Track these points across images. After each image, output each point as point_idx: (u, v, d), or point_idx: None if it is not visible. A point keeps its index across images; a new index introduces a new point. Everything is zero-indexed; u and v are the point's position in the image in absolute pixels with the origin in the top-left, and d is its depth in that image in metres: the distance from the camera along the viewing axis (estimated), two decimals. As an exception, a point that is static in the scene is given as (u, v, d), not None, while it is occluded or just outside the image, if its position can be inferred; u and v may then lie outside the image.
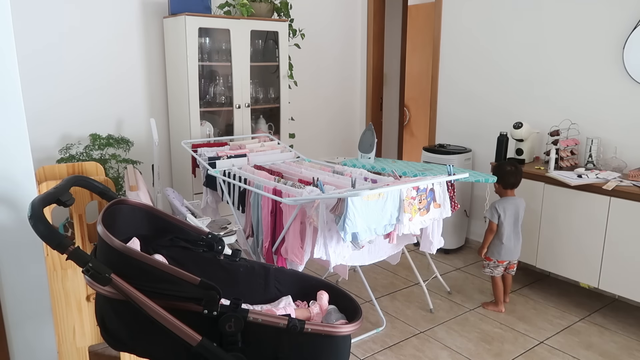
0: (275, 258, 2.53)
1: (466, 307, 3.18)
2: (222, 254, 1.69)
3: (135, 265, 1.28)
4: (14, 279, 1.80)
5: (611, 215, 2.88)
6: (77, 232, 2.12)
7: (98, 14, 3.41)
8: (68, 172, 2.63)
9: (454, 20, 4.09)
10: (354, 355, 2.64)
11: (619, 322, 2.99)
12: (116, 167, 3.39)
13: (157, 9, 3.65)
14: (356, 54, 4.90)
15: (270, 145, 3.44)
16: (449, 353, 2.67)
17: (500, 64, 3.80)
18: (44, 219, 1.21)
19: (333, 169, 2.97)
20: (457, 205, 2.85)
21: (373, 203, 2.28)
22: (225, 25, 3.58)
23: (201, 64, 3.59)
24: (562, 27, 3.40)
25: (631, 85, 3.10)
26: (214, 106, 3.76)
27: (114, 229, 1.45)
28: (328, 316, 1.56)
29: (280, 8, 3.97)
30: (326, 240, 2.28)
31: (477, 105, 4.01)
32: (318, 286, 1.66)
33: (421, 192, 2.49)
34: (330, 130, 4.87)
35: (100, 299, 1.35)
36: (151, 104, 3.76)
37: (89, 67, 3.43)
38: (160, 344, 1.30)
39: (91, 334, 2.25)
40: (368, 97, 4.95)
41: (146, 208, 1.63)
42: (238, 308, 1.31)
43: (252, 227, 2.71)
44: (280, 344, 1.35)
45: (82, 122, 3.45)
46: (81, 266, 1.23)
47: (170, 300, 1.29)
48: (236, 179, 2.83)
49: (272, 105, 4.07)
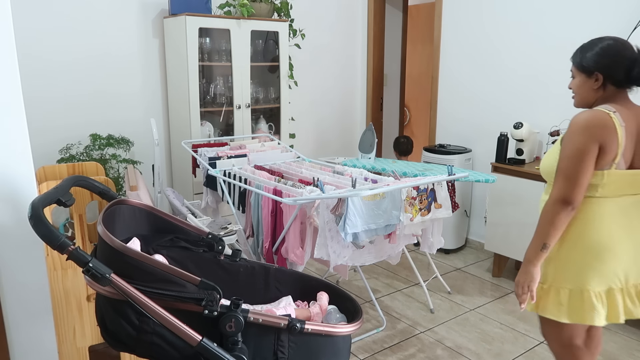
0: (275, 258, 2.53)
1: (466, 307, 3.18)
2: (223, 254, 1.69)
3: (136, 266, 1.28)
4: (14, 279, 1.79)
5: (611, 215, 2.87)
6: (77, 232, 2.12)
7: (98, 14, 3.41)
8: (68, 172, 2.62)
9: (454, 20, 4.09)
10: (354, 355, 2.64)
11: (619, 322, 2.99)
12: (116, 167, 3.39)
13: (157, 9, 3.65)
14: (356, 54, 4.91)
15: (271, 146, 3.44)
16: (449, 353, 2.67)
17: (501, 64, 3.80)
18: (44, 219, 1.21)
19: (333, 169, 2.97)
20: (458, 206, 2.85)
21: (373, 203, 2.28)
22: (225, 25, 3.58)
23: (201, 64, 3.59)
24: (563, 27, 3.40)
25: (631, 86, 3.10)
26: (214, 106, 3.76)
27: (114, 229, 1.45)
28: (328, 316, 1.56)
29: (280, 8, 3.97)
30: (326, 240, 2.28)
31: (478, 105, 4.01)
32: (318, 286, 1.66)
33: (421, 192, 2.49)
34: (331, 130, 4.87)
35: (100, 299, 1.35)
36: (151, 104, 3.76)
37: (89, 67, 3.43)
38: (160, 345, 1.30)
39: (91, 334, 2.25)
40: (368, 97, 4.95)
41: (146, 208, 1.63)
42: (238, 308, 1.31)
43: (252, 227, 2.71)
44: (280, 344, 1.35)
45: (83, 122, 3.45)
46: (81, 266, 1.23)
47: (170, 301, 1.29)
48: (236, 179, 2.83)
49: (273, 105, 4.07)
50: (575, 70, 1.79)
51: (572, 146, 1.69)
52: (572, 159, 1.68)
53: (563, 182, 1.69)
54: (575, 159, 1.67)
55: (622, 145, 1.68)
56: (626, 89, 1.74)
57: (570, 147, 1.69)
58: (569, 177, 1.68)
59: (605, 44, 1.71)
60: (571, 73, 1.83)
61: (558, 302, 1.78)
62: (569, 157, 1.69)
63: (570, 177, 1.68)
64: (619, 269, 1.74)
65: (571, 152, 1.68)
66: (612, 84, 1.72)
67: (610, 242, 1.72)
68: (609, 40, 1.72)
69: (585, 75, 1.75)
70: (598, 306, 1.73)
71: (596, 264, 1.73)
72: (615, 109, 1.69)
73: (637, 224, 1.76)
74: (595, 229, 1.73)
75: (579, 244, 1.75)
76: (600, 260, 1.72)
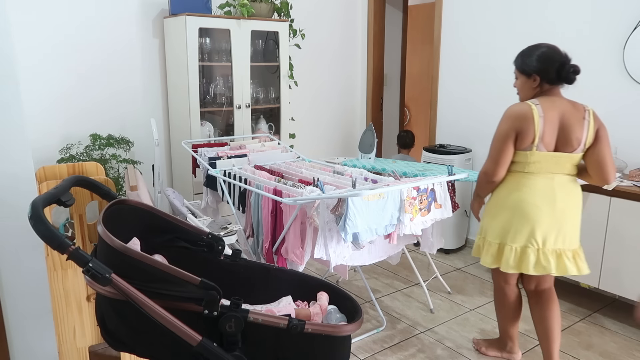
0: (275, 258, 2.53)
1: (466, 307, 3.18)
2: (223, 254, 1.69)
3: (136, 266, 1.28)
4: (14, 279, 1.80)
5: (611, 215, 2.88)
6: (77, 232, 2.12)
7: (98, 14, 3.41)
8: (68, 172, 2.62)
9: (454, 21, 4.09)
10: (354, 355, 2.64)
11: (619, 322, 2.99)
12: (116, 167, 3.39)
13: (157, 9, 3.65)
14: (356, 54, 4.91)
15: (271, 146, 3.44)
16: (449, 353, 2.67)
17: (501, 64, 3.80)
18: (44, 219, 1.21)
19: (333, 169, 2.97)
20: (458, 206, 2.85)
21: (373, 203, 2.28)
22: (225, 25, 3.58)
23: (201, 64, 3.59)
24: (563, 27, 3.40)
25: (632, 86, 3.10)
26: (214, 106, 3.76)
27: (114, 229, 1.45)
28: (328, 316, 1.56)
29: (280, 8, 3.97)
30: (326, 240, 2.28)
31: (478, 105, 4.01)
32: (318, 286, 1.66)
33: (422, 192, 2.49)
34: (331, 131, 4.87)
35: (100, 299, 1.35)
36: (151, 104, 3.76)
37: (89, 67, 3.43)
38: (160, 344, 1.30)
39: (91, 334, 2.25)
40: (368, 97, 4.95)
41: (147, 208, 1.63)
42: (238, 308, 1.31)
43: (252, 227, 2.71)
44: (280, 344, 1.35)
45: (83, 122, 3.45)
46: (81, 266, 1.23)
47: (170, 301, 1.29)
48: (236, 179, 2.83)
49: (273, 106, 4.07)
50: (518, 73, 2.23)
51: (497, 131, 2.18)
52: (495, 142, 2.18)
53: (488, 159, 2.22)
54: (497, 142, 2.17)
55: (538, 131, 2.08)
56: (558, 85, 2.16)
57: (496, 132, 2.19)
58: (492, 156, 2.20)
59: (540, 52, 2.15)
60: (514, 75, 2.25)
61: (489, 253, 2.29)
62: (494, 140, 2.19)
63: (493, 156, 2.19)
64: (537, 233, 2.16)
65: (495, 136, 2.18)
66: (547, 82, 2.15)
67: (532, 210, 2.15)
68: (543, 47, 2.17)
69: (525, 76, 2.19)
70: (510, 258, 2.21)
71: (518, 224, 2.18)
72: (540, 102, 2.11)
73: (559, 199, 2.14)
74: (522, 197, 2.17)
75: (507, 207, 2.21)
76: (520, 221, 2.17)
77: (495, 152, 2.18)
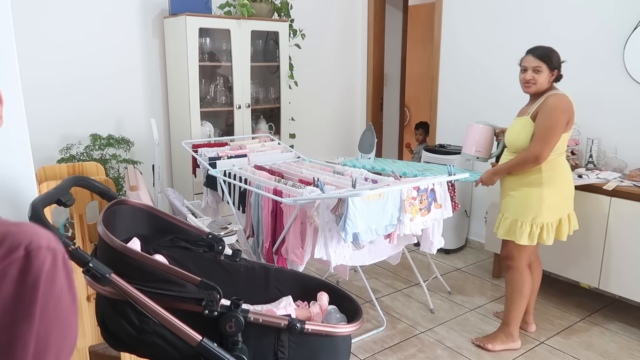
0: (275, 258, 2.53)
1: (466, 307, 3.18)
2: (223, 254, 1.69)
3: (136, 266, 1.28)
4: (14, 279, 1.79)
5: (611, 215, 2.88)
6: (77, 232, 2.12)
7: (98, 14, 3.41)
8: (68, 172, 2.63)
9: (454, 21, 4.09)
10: (354, 355, 2.64)
11: (619, 322, 2.99)
12: (117, 167, 3.39)
13: (157, 9, 3.65)
14: (356, 54, 4.91)
15: (271, 146, 3.44)
16: (449, 353, 2.67)
17: (501, 64, 3.80)
18: (44, 220, 1.22)
19: (333, 169, 2.97)
20: (458, 206, 2.85)
21: (373, 203, 2.28)
22: (225, 25, 3.58)
23: (202, 64, 3.58)
24: (563, 27, 3.40)
25: (632, 86, 3.10)
26: (214, 106, 3.76)
27: (114, 229, 1.45)
28: (328, 316, 1.56)
29: (280, 8, 3.97)
30: (327, 240, 2.28)
31: (478, 105, 4.01)
32: (318, 286, 1.66)
33: (422, 192, 2.49)
34: (331, 131, 4.87)
35: (100, 299, 1.35)
36: (152, 104, 3.76)
37: (89, 67, 3.43)
38: (160, 344, 1.30)
39: (91, 334, 2.25)
40: (368, 97, 4.95)
41: (147, 208, 1.63)
42: (238, 308, 1.31)
43: (252, 227, 2.71)
44: (280, 344, 1.35)
45: (83, 122, 3.45)
46: (81, 266, 1.23)
47: (170, 301, 1.29)
48: (236, 179, 2.83)
49: (273, 106, 4.07)
50: (545, 67, 2.44)
51: (555, 121, 2.38)
52: (553, 129, 2.38)
53: (542, 143, 2.38)
54: (556, 130, 2.38)
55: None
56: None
57: (554, 121, 2.38)
58: (547, 142, 2.38)
59: (556, 51, 2.48)
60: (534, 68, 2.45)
61: (522, 230, 2.50)
62: (551, 128, 2.38)
63: (549, 142, 2.38)
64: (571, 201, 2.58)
65: (553, 123, 2.38)
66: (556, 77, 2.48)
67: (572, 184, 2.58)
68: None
69: (550, 70, 2.44)
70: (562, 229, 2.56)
71: (569, 196, 2.56)
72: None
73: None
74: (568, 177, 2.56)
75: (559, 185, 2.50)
76: (570, 195, 2.57)
77: (552, 139, 2.38)
